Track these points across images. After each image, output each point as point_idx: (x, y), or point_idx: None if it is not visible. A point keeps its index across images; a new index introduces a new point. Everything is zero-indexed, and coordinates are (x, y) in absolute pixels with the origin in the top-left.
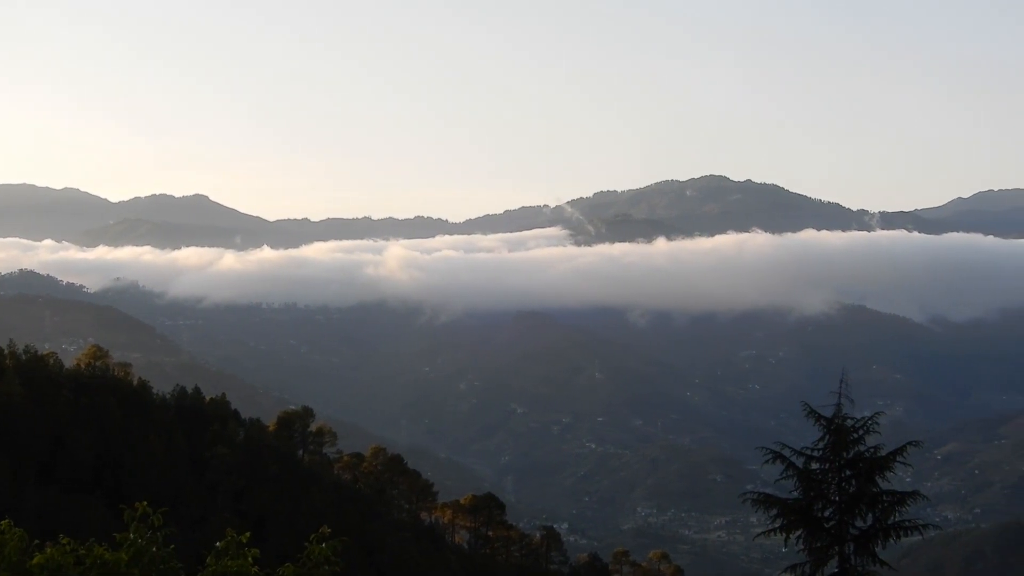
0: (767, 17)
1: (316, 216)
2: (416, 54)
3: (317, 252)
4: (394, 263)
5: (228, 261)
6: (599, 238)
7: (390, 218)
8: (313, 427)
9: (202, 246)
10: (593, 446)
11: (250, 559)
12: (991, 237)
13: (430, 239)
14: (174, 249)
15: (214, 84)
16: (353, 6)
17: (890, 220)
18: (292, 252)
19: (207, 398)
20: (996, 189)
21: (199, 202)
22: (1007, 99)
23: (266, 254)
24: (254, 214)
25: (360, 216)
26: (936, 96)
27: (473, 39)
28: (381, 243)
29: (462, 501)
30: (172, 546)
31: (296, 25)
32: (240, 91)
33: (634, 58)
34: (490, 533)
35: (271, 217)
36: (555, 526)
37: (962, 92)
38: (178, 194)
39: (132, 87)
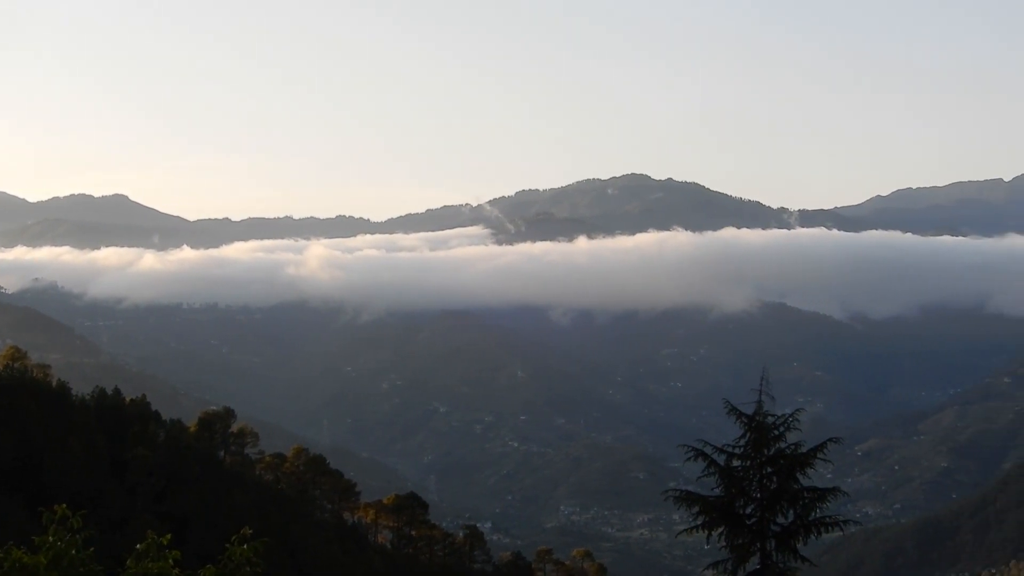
0: (686, 14)
1: (237, 216)
2: (336, 53)
3: (238, 252)
4: (315, 263)
5: (148, 261)
6: (520, 237)
7: (311, 217)
8: (234, 428)
9: (122, 246)
10: (516, 445)
11: (171, 561)
12: (910, 235)
13: (351, 238)
14: (93, 249)
15: (135, 83)
16: (271, 5)
17: (809, 218)
18: (212, 252)
19: (127, 399)
20: (915, 187)
21: (119, 202)
22: (925, 98)
23: (186, 254)
24: (174, 214)
25: (281, 216)
26: (855, 95)
27: (394, 38)
28: (302, 242)
29: (385, 501)
30: (92, 549)
31: (213, 24)
32: (161, 90)
33: (556, 57)
34: (413, 533)
35: (191, 217)
36: (478, 525)
37: (881, 90)
38: (97, 194)
39: (50, 87)
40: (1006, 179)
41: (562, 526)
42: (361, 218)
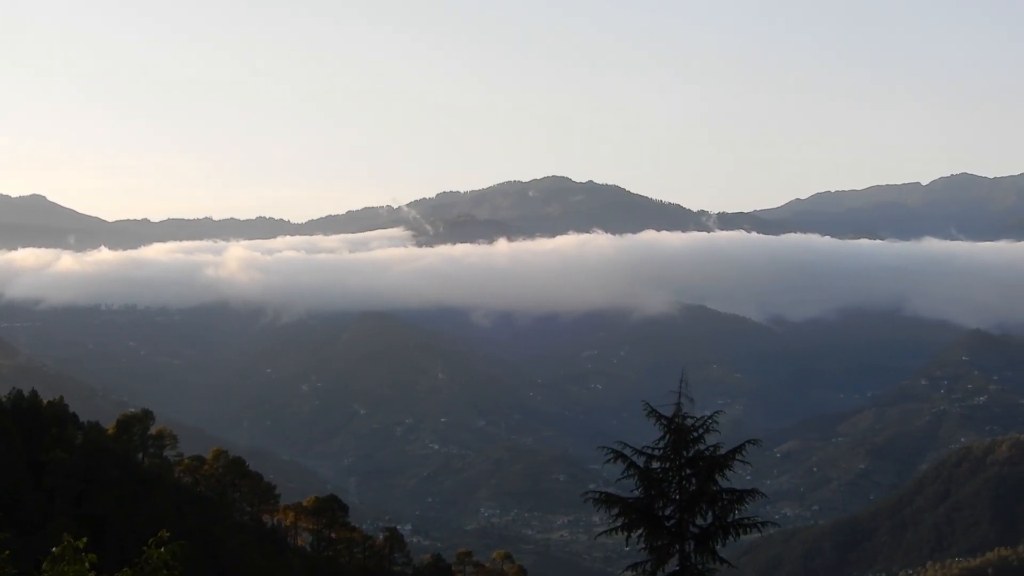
0: (609, 17)
1: (156, 216)
2: (256, 53)
3: (157, 253)
4: (235, 264)
5: (66, 262)
6: (440, 239)
7: (231, 219)
8: (153, 430)
9: (39, 247)
10: (436, 447)
11: (87, 564)
12: (828, 238)
13: (271, 240)
14: (10, 250)
15: (51, 81)
16: (190, 4)
17: (729, 221)
18: (131, 253)
19: (45, 401)
20: (833, 191)
21: (36, 202)
22: (844, 102)
23: (105, 255)
24: (92, 214)
25: (201, 217)
26: (775, 98)
27: (315, 38)
28: (222, 244)
29: (304, 503)
30: (7, 552)
31: (133, 22)
32: (78, 88)
33: (478, 59)
34: (333, 535)
35: (110, 217)
36: (398, 527)
37: (800, 94)
38: (14, 194)
39: None
40: (923, 183)
41: (482, 528)
42: (281, 219)
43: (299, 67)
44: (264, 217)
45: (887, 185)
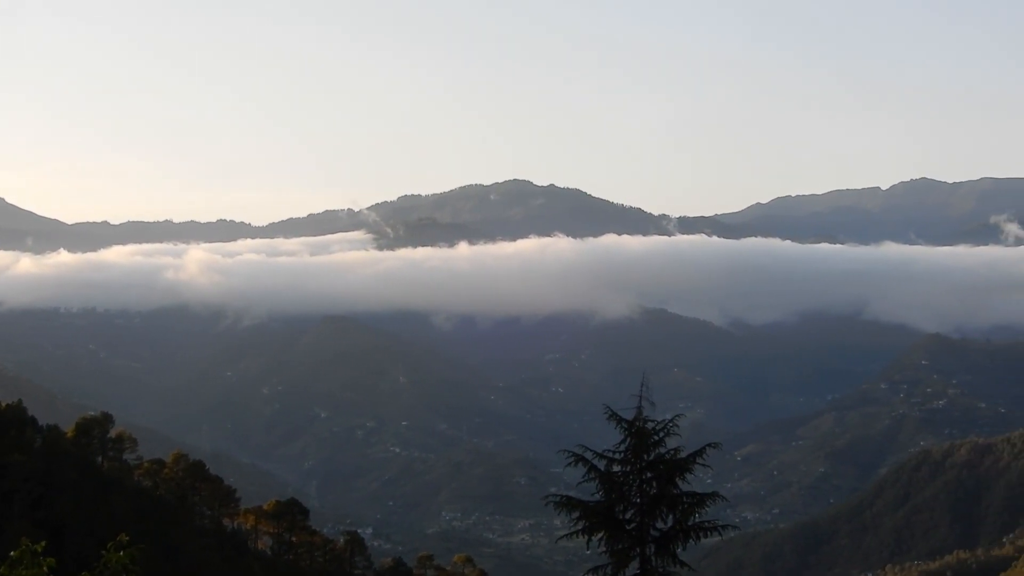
0: (569, 20)
1: (116, 219)
2: (218, 55)
3: (117, 255)
4: (195, 267)
5: (25, 265)
6: (401, 242)
7: (192, 221)
8: (113, 433)
9: None
10: (397, 450)
11: (45, 568)
12: (788, 242)
13: (232, 243)
14: None
15: (10, 82)
16: (149, 4)
17: (690, 225)
18: (91, 255)
19: (3, 404)
20: (794, 195)
21: None
22: (805, 106)
23: (64, 257)
24: (51, 216)
25: (161, 219)
26: (737, 102)
27: (275, 40)
28: (182, 246)
29: (265, 507)
30: None
31: (91, 23)
32: (37, 90)
33: (438, 62)
34: (293, 539)
35: (69, 220)
36: (359, 531)
37: (761, 99)
38: None
39: None
40: (883, 188)
41: (443, 532)
42: (242, 222)
43: (260, 70)
44: (225, 220)
45: (847, 190)
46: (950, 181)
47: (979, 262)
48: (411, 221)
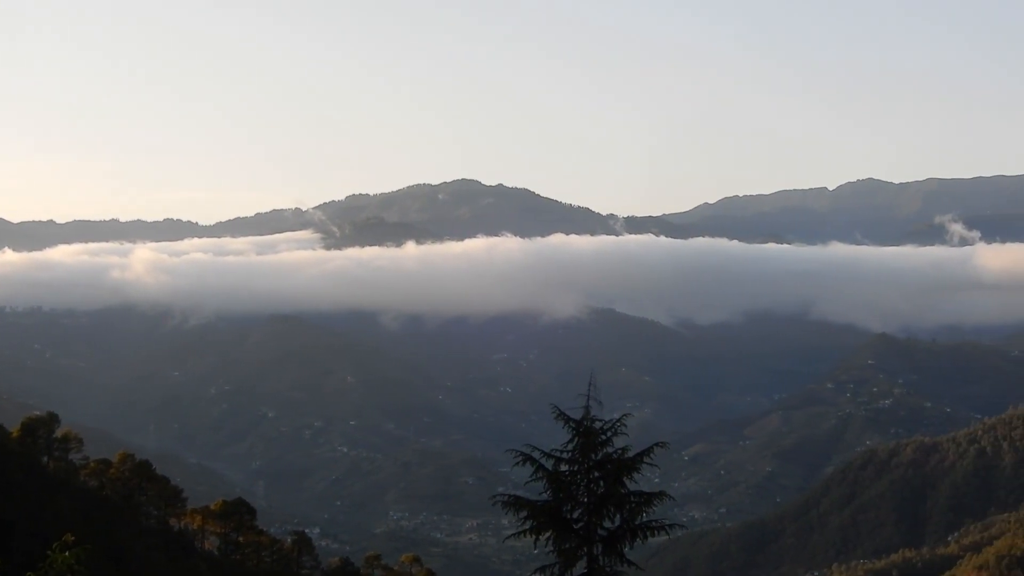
0: (515, 18)
1: (61, 218)
2: (163, 52)
3: (62, 255)
4: (141, 266)
5: None
6: (349, 242)
7: (138, 220)
8: (59, 433)
9: None
10: (345, 450)
11: None
12: (736, 242)
13: (179, 242)
14: None
15: None
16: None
17: (637, 225)
18: (36, 255)
19: None
20: (741, 195)
21: None
22: (752, 107)
23: (8, 257)
24: None
25: (107, 218)
26: (684, 103)
27: (221, 38)
28: (128, 246)
29: (212, 507)
30: None
31: (35, 17)
32: None
33: (386, 60)
34: (240, 539)
35: (14, 219)
36: (306, 531)
37: (708, 99)
38: None
39: None
40: (830, 188)
41: (391, 531)
42: (189, 221)
43: (207, 68)
44: (172, 219)
45: (794, 190)
46: (896, 182)
47: (925, 262)
48: (359, 220)
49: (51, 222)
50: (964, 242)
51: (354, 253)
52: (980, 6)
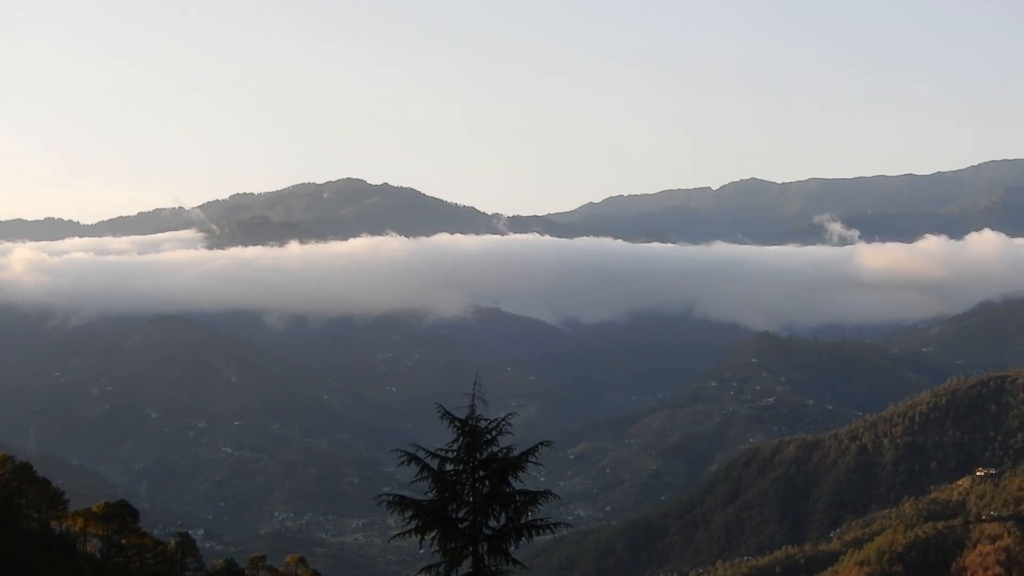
0: (400, 15)
1: None
2: (45, 50)
3: None
4: (21, 266)
5: None
6: (232, 241)
7: (18, 219)
8: None
9: None
10: (229, 451)
11: None
12: (620, 241)
13: (59, 241)
14: None
15: None
16: None
17: (523, 224)
18: None
19: None
20: (626, 195)
21: None
22: (636, 107)
23: None
24: None
25: None
26: (568, 102)
27: (107, 35)
28: (7, 245)
29: (94, 509)
30: None
31: None
32: None
33: (271, 57)
34: (123, 541)
35: None
36: (190, 532)
37: (592, 99)
38: None
39: None
40: (714, 187)
41: (276, 532)
42: (70, 220)
43: (87, 63)
44: (52, 218)
45: (678, 190)
46: (779, 182)
47: (806, 262)
48: (243, 220)
49: None
50: (844, 241)
51: (237, 253)
52: (861, 8)
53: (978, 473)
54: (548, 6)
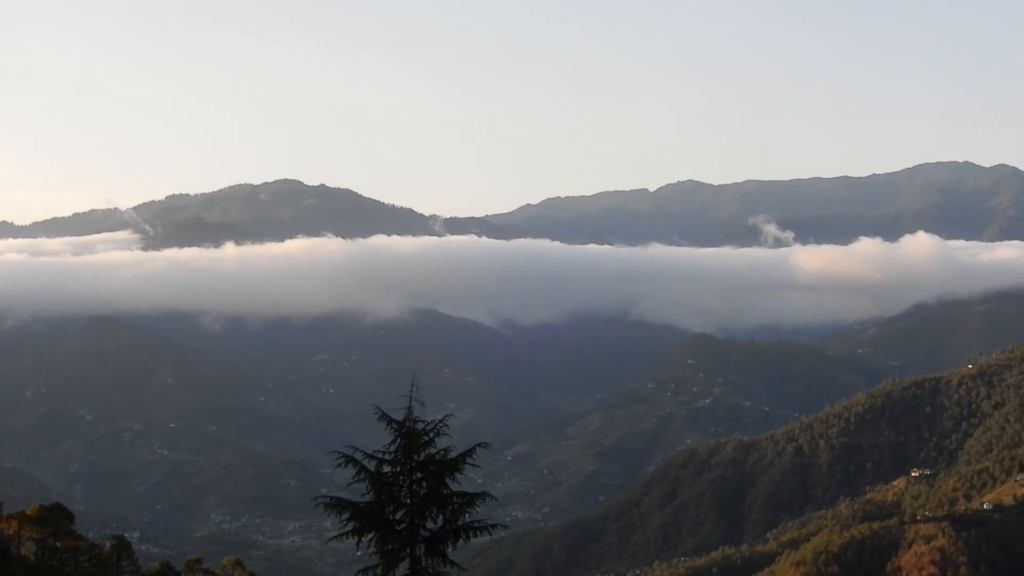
0: (335, 16)
1: None
2: None
3: None
4: None
5: None
6: (168, 242)
7: None
8: None
9: None
10: (165, 453)
11: None
12: (558, 243)
13: None
14: None
15: None
16: None
17: (460, 226)
18: None
19: None
20: (563, 196)
21: None
22: (575, 108)
23: None
24: None
25: None
26: (506, 103)
27: (34, 37)
28: None
29: (28, 511)
30: None
31: None
32: None
33: (208, 58)
34: (58, 544)
35: None
36: (126, 535)
37: (530, 100)
38: None
39: None
40: (651, 189)
41: (212, 534)
42: (4, 221)
43: (23, 66)
44: None
45: (616, 191)
46: (716, 184)
47: (742, 263)
48: (179, 221)
49: None
50: (779, 243)
51: (172, 254)
52: (792, 11)
53: (913, 474)
54: (478, 4)
